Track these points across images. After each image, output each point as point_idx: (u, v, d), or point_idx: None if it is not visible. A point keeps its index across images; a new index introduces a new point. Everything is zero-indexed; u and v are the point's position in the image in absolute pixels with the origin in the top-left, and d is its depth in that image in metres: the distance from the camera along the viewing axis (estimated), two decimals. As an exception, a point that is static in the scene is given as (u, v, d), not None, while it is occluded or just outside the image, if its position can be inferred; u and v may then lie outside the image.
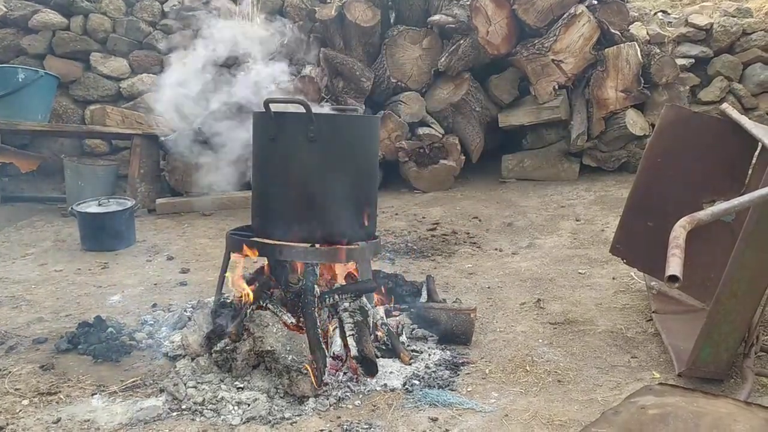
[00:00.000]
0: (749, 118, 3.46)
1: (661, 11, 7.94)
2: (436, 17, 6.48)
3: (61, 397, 2.70)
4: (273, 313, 2.80)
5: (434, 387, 2.70)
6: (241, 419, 2.49)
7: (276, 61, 3.68)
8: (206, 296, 3.64)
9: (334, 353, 2.76)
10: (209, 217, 6.05)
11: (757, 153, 3.29)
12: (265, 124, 2.86)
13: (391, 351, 2.94)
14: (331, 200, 2.86)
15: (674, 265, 1.71)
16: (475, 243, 4.89)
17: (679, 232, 1.86)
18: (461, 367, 2.89)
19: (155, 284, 4.20)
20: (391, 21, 6.85)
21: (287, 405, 2.57)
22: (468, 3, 6.27)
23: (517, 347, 3.09)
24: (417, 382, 2.74)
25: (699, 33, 7.24)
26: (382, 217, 5.56)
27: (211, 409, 2.54)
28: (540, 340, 3.16)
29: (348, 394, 2.65)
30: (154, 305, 3.75)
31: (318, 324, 2.73)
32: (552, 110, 6.39)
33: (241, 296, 3.00)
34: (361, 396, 2.65)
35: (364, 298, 2.96)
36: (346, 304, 2.91)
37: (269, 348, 2.66)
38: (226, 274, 3.08)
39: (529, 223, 5.33)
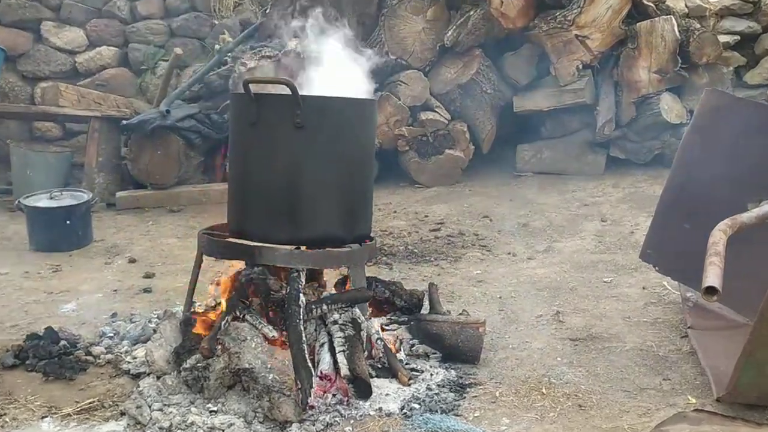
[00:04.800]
0: (801, 106, 3.49)
1: (702, -20, 7.96)
2: (443, -16, 6.49)
3: (7, 420, 2.71)
4: (251, 326, 2.81)
5: (436, 411, 2.71)
6: (215, 447, 2.51)
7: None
8: (174, 305, 3.65)
9: (321, 372, 2.77)
10: (178, 213, 6.05)
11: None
12: (244, 107, 2.86)
13: (388, 370, 2.96)
14: (320, 196, 2.87)
15: (712, 276, 1.73)
16: (485, 246, 4.91)
17: (718, 237, 1.88)
18: (468, 389, 2.91)
19: (115, 290, 4.21)
20: (391, -12, 6.86)
21: (267, 431, 2.59)
22: (479, -32, 6.29)
23: (532, 366, 3.11)
24: (417, 406, 2.75)
25: (746, 6, 7.27)
26: (379, 215, 5.58)
27: (179, 436, 2.56)
28: (558, 359, 3.18)
29: (337, 419, 2.66)
30: (114, 315, 3.76)
31: (304, 338, 2.74)
32: (575, 93, 6.41)
33: (214, 306, 3.01)
34: (352, 421, 2.66)
35: (356, 309, 2.97)
36: (336, 316, 2.92)
37: (247, 365, 2.67)
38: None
39: (548, 223, 5.35)
